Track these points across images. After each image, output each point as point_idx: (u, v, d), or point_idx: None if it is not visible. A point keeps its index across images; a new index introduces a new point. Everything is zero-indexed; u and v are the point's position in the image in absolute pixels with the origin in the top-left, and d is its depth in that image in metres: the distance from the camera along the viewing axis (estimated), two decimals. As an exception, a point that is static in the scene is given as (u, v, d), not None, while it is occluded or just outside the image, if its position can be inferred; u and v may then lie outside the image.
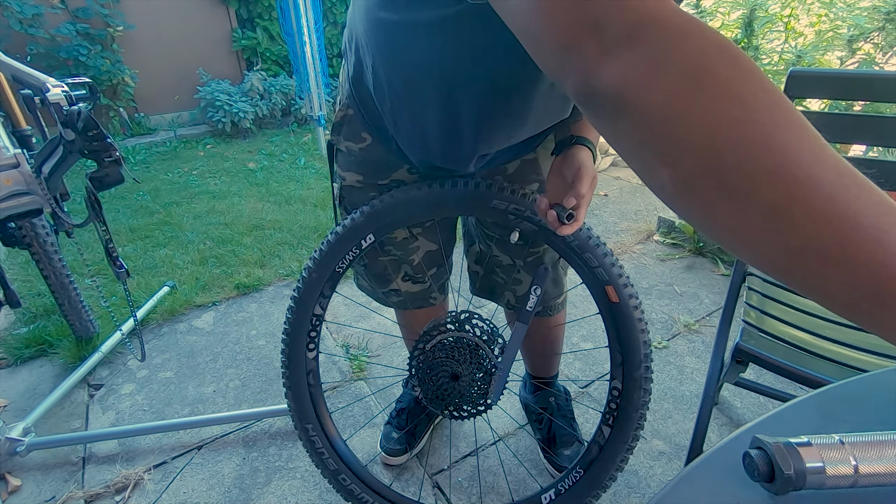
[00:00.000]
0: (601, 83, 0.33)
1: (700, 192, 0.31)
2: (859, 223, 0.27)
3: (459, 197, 0.88)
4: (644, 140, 0.33)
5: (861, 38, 1.72)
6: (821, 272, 0.29)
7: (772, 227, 0.29)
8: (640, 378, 0.89)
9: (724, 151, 0.29)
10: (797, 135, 0.29)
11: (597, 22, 0.33)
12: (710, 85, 0.30)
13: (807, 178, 0.28)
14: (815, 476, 0.36)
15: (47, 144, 1.29)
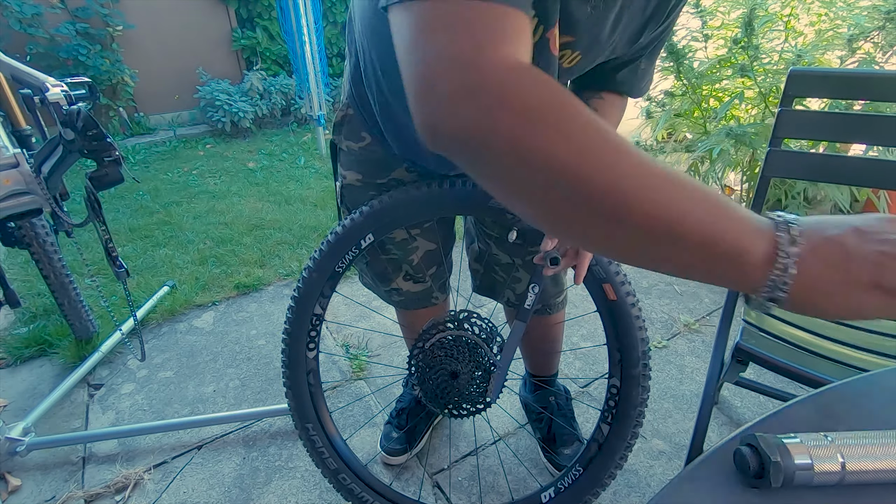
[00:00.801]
0: (444, 132, 0.38)
1: (538, 214, 0.39)
2: (681, 209, 0.36)
3: (458, 196, 0.89)
4: (493, 174, 0.39)
5: (861, 37, 1.72)
6: (657, 252, 0.38)
7: (612, 226, 0.37)
8: (638, 376, 0.90)
9: (559, 180, 0.36)
10: (618, 156, 0.36)
11: (435, 83, 0.38)
12: (540, 129, 0.36)
13: (631, 187, 0.35)
14: (804, 473, 0.37)
15: (47, 144, 1.29)
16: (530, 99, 0.36)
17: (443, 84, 0.37)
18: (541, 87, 0.37)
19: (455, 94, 0.37)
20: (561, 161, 0.35)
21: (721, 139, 1.75)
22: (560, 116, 0.36)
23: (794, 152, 1.15)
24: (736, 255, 0.36)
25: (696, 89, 1.92)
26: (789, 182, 1.88)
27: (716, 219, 0.36)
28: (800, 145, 1.74)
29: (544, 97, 0.37)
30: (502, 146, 0.36)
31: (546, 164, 0.36)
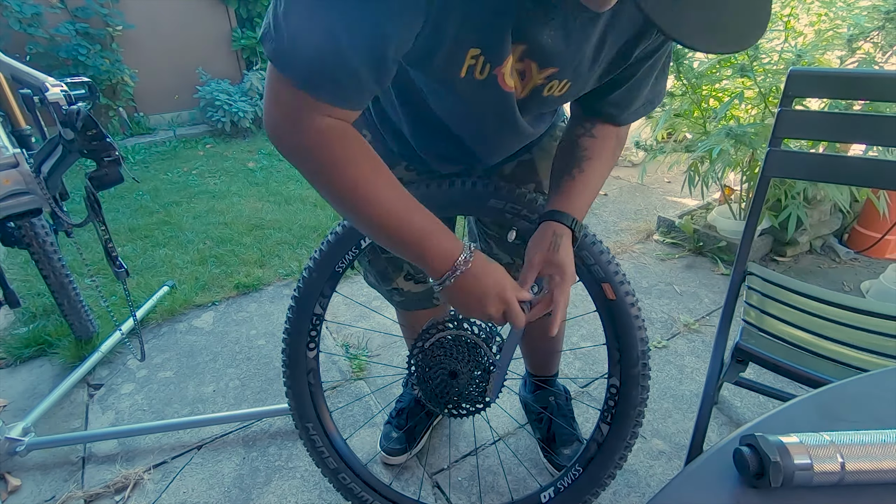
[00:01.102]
0: (281, 147, 0.62)
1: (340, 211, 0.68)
2: (415, 230, 0.66)
3: (457, 196, 0.89)
4: (308, 180, 0.65)
5: (861, 37, 1.72)
6: (409, 253, 0.68)
7: (378, 230, 0.66)
8: (637, 375, 0.90)
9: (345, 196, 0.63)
10: (391, 183, 0.65)
11: (274, 119, 0.60)
12: (335, 164, 0.61)
13: (385, 205, 0.64)
14: (804, 473, 0.37)
15: (46, 144, 1.29)
16: (330, 153, 0.61)
17: (279, 122, 0.60)
18: (335, 143, 0.60)
19: (284, 133, 0.60)
20: (345, 193, 0.63)
21: (721, 139, 1.75)
22: (340, 163, 0.61)
23: (794, 152, 1.15)
24: (433, 266, 0.68)
25: (695, 89, 1.92)
26: (789, 182, 1.88)
27: (421, 244, 0.67)
28: (800, 145, 1.74)
29: (332, 148, 0.60)
30: (308, 173, 0.63)
31: (338, 191, 0.63)
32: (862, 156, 1.62)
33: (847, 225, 2.19)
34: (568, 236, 0.77)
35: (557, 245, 0.76)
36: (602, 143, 0.80)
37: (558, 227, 0.77)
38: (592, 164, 0.79)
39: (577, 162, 0.79)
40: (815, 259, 2.12)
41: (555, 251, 0.76)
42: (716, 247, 2.08)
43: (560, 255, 0.75)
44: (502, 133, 0.77)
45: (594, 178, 0.80)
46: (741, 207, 2.12)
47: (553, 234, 0.77)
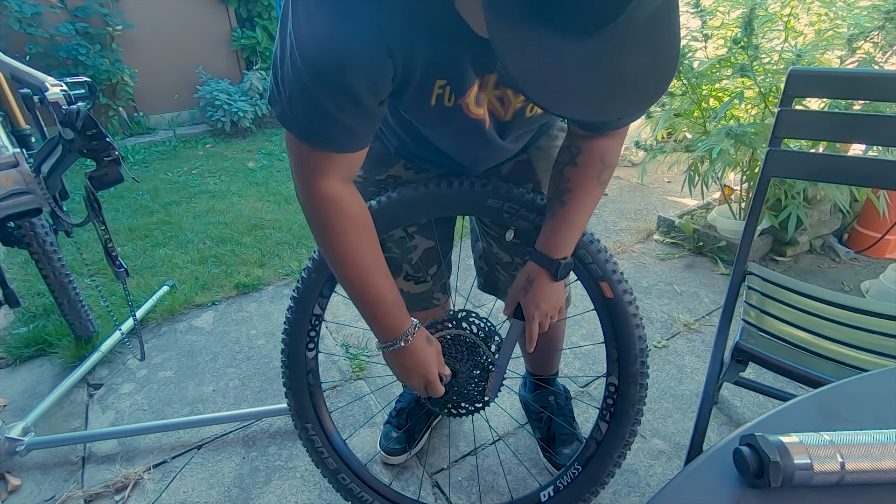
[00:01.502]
0: (298, 195, 0.73)
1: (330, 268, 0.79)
2: (380, 302, 0.78)
3: (455, 196, 0.89)
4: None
5: (861, 37, 1.72)
6: (365, 315, 0.80)
7: (348, 290, 0.78)
8: (636, 373, 0.90)
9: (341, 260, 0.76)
10: (363, 260, 0.76)
11: (293, 170, 0.70)
12: (324, 235, 0.74)
13: (360, 276, 0.77)
14: (803, 472, 0.37)
15: (46, 144, 1.29)
16: (324, 219, 0.72)
17: (294, 175, 0.71)
18: (330, 212, 0.71)
19: (297, 185, 0.71)
20: (330, 251, 0.75)
21: (721, 139, 1.75)
22: (335, 231, 0.73)
23: (794, 152, 1.15)
24: (379, 332, 0.81)
25: (695, 89, 1.92)
26: (789, 182, 1.88)
27: (378, 313, 0.79)
28: (800, 145, 1.74)
29: (331, 217, 0.71)
30: (310, 227, 0.75)
31: (325, 249, 0.76)
32: (862, 156, 1.62)
33: (847, 225, 2.19)
34: (543, 277, 0.86)
35: (527, 290, 0.88)
36: (586, 173, 0.81)
37: (532, 269, 0.87)
38: (575, 197, 0.82)
39: (560, 195, 0.83)
40: (815, 259, 2.12)
41: (523, 295, 0.89)
42: (716, 247, 2.08)
43: (527, 300, 0.88)
44: (480, 151, 0.81)
45: (575, 212, 0.83)
46: (741, 207, 2.12)
47: (526, 280, 0.88)
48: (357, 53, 0.56)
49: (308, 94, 0.59)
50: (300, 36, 0.56)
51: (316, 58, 0.56)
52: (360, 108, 0.61)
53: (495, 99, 0.70)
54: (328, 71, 0.57)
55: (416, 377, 0.84)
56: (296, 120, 0.63)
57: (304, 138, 0.64)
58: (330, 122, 0.62)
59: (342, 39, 0.56)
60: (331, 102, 0.59)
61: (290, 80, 0.59)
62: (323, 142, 0.64)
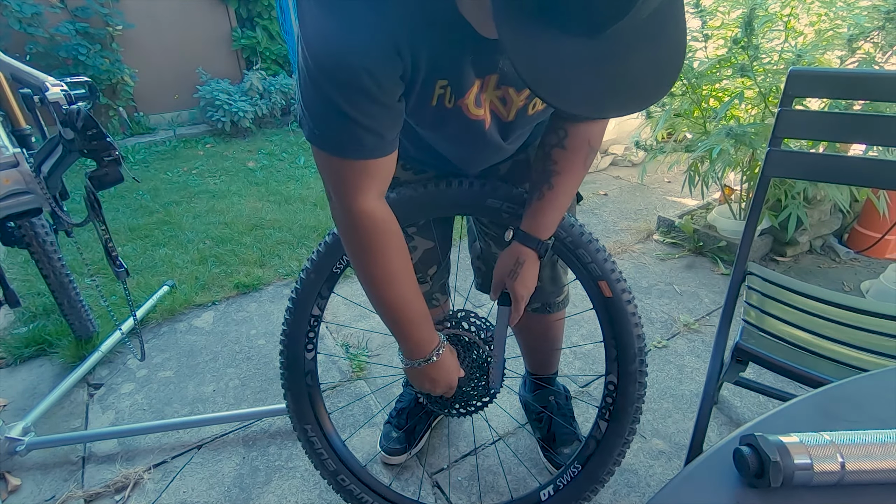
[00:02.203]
0: (333, 216, 0.74)
1: (364, 288, 0.79)
2: (412, 322, 0.80)
3: (454, 196, 0.89)
4: (345, 249, 0.77)
5: (861, 37, 1.72)
6: (397, 332, 0.82)
7: (382, 308, 0.79)
8: (635, 372, 0.90)
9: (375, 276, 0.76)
10: (401, 280, 0.77)
11: (329, 191, 0.71)
12: (361, 252, 0.74)
13: (396, 297, 0.78)
14: (803, 472, 0.37)
15: (46, 143, 1.29)
16: (365, 238, 0.72)
17: (330, 197, 0.71)
18: (370, 231, 0.72)
19: (334, 207, 0.72)
20: (369, 271, 0.76)
21: (721, 139, 1.75)
22: (377, 255, 0.74)
23: (794, 152, 1.15)
24: (410, 349, 0.83)
25: (695, 89, 1.92)
26: (789, 182, 1.88)
27: (412, 331, 0.81)
28: (800, 145, 1.74)
29: (370, 236, 0.72)
30: (347, 247, 0.75)
31: (364, 268, 0.76)
32: (862, 156, 1.62)
33: (847, 225, 2.19)
34: (531, 258, 0.87)
35: (516, 274, 0.88)
36: (573, 156, 0.82)
37: (522, 252, 0.87)
38: (560, 180, 0.83)
39: (547, 177, 0.83)
40: (815, 259, 2.12)
41: (512, 279, 0.89)
42: (716, 247, 2.08)
43: (516, 283, 0.89)
44: (480, 153, 0.82)
45: (562, 194, 0.84)
46: (741, 207, 2.12)
47: (515, 262, 0.88)
48: (364, 48, 0.56)
49: (323, 96, 0.59)
50: (308, 37, 0.57)
51: (323, 54, 0.57)
52: (378, 104, 0.61)
53: (497, 99, 0.71)
54: (337, 65, 0.57)
55: (441, 386, 0.87)
56: (322, 134, 0.64)
57: (335, 151, 0.65)
58: (353, 127, 0.61)
59: (348, 35, 0.56)
60: (346, 102, 0.59)
61: (307, 88, 0.60)
62: (354, 149, 0.64)
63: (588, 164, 0.85)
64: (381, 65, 0.59)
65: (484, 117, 0.72)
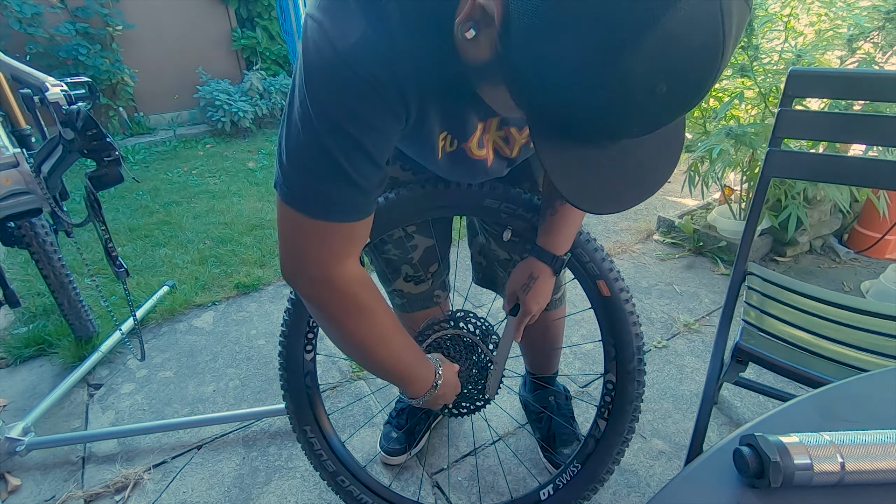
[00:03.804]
0: (301, 292, 0.68)
1: (350, 354, 0.76)
2: (410, 368, 0.78)
3: (453, 197, 0.89)
4: (321, 324, 0.72)
5: (861, 37, 1.72)
6: (398, 383, 0.80)
7: (378, 368, 0.76)
8: (633, 371, 0.90)
9: (356, 344, 0.72)
10: (393, 335, 0.73)
11: (301, 265, 0.66)
12: (357, 316, 0.69)
13: (392, 352, 0.74)
14: (803, 473, 0.37)
15: (46, 144, 1.29)
16: (354, 305, 0.68)
17: (304, 269, 0.65)
18: (360, 296, 0.68)
19: (311, 280, 0.65)
20: (360, 340, 0.70)
21: (721, 139, 1.75)
22: (364, 316, 0.69)
23: (794, 152, 1.15)
24: (412, 392, 0.81)
25: (696, 89, 1.92)
26: (789, 182, 1.88)
27: (412, 377, 0.79)
28: (800, 145, 1.74)
29: (358, 300, 0.67)
30: (328, 320, 0.69)
31: (344, 336, 0.70)
32: (862, 156, 1.62)
33: (847, 225, 2.19)
34: (546, 274, 0.88)
35: (529, 288, 0.89)
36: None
37: (537, 267, 0.88)
38: None
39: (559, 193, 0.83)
40: (815, 259, 2.12)
41: (525, 292, 0.89)
42: (716, 247, 2.08)
43: (528, 298, 0.89)
44: (479, 178, 0.84)
45: (576, 210, 0.84)
46: (741, 207, 2.12)
47: (529, 277, 0.89)
48: (375, 103, 0.54)
49: (321, 150, 0.55)
50: (314, 86, 0.53)
51: (332, 105, 0.53)
52: (373, 164, 0.58)
53: (500, 139, 0.71)
54: (346, 117, 0.54)
55: (450, 398, 0.88)
56: (308, 195, 0.59)
57: (322, 214, 0.60)
58: (346, 186, 0.58)
59: (361, 88, 0.53)
60: (345, 157, 0.56)
61: (300, 141, 0.56)
62: (343, 211, 0.60)
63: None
64: (389, 124, 0.57)
65: (486, 157, 0.72)
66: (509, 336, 0.93)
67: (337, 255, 0.64)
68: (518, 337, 0.93)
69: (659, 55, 0.36)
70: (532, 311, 0.90)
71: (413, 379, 0.79)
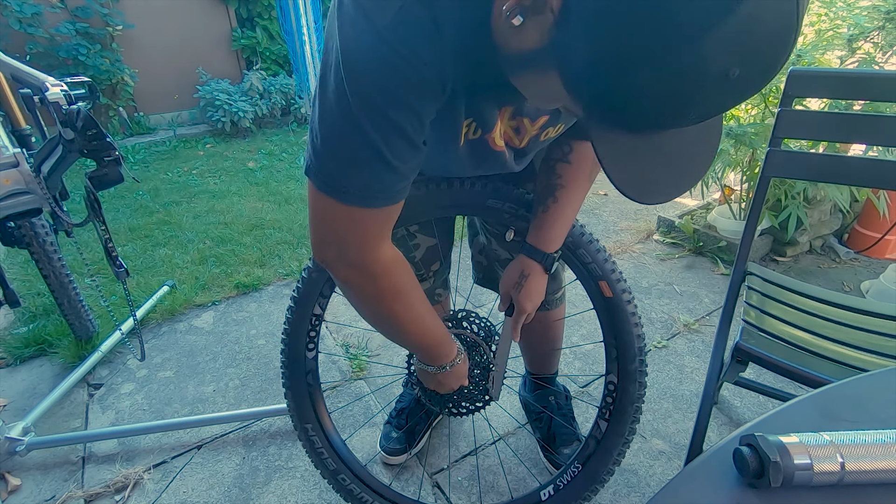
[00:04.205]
0: (337, 276, 0.68)
1: (381, 330, 0.78)
2: (438, 339, 0.80)
3: (456, 197, 0.89)
4: (355, 304, 0.73)
5: (861, 37, 1.72)
6: (424, 355, 0.83)
7: (410, 341, 0.80)
8: (634, 371, 0.90)
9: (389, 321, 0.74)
10: (425, 311, 0.75)
11: (338, 251, 0.65)
12: (396, 295, 0.70)
13: (423, 328, 0.77)
14: (803, 473, 0.37)
15: (46, 144, 1.29)
16: (392, 285, 0.69)
17: (342, 255, 0.65)
18: (395, 275, 0.68)
19: (349, 265, 0.65)
20: (387, 316, 0.72)
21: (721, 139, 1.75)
22: (399, 296, 0.70)
23: (794, 152, 1.15)
24: (430, 360, 0.83)
25: (696, 89, 1.92)
26: (789, 182, 1.88)
27: (438, 350, 0.81)
28: (800, 145, 1.74)
29: (395, 279, 0.68)
30: (366, 302, 0.71)
31: (381, 315, 0.73)
32: (862, 156, 1.62)
33: (847, 225, 2.19)
34: (537, 271, 0.87)
35: (521, 286, 0.89)
36: (577, 170, 0.83)
37: (528, 264, 0.87)
38: (566, 193, 0.83)
39: (551, 190, 0.83)
40: (815, 259, 2.12)
41: (517, 291, 0.89)
42: (716, 247, 2.08)
43: (521, 296, 0.89)
44: (487, 173, 0.83)
45: (567, 207, 0.84)
46: (741, 207, 2.12)
47: (521, 275, 0.88)
48: (418, 84, 0.52)
49: (361, 135, 0.53)
50: (354, 67, 0.51)
51: (374, 88, 0.51)
52: (412, 147, 0.57)
53: (511, 130, 0.71)
54: (387, 101, 0.52)
55: (446, 390, 0.89)
56: (348, 183, 0.57)
57: (361, 201, 0.58)
58: (385, 171, 0.56)
59: (404, 70, 0.51)
60: (385, 142, 0.54)
61: (338, 128, 0.54)
62: (382, 196, 0.59)
63: (592, 178, 0.85)
64: (427, 105, 0.55)
65: (504, 149, 0.71)
66: (507, 336, 0.93)
67: (374, 240, 0.64)
68: (516, 337, 0.93)
69: (736, 38, 0.35)
70: (526, 310, 0.90)
71: (437, 349, 0.81)
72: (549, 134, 0.73)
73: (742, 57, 0.36)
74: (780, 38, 0.36)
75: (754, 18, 0.34)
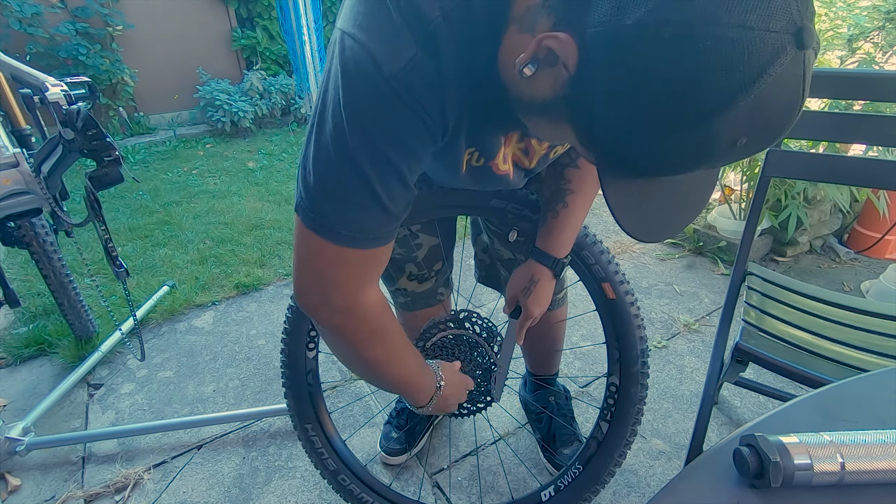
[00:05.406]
0: (322, 321, 0.65)
1: (360, 373, 0.78)
2: (417, 378, 0.77)
3: (460, 196, 0.89)
4: (339, 349, 0.70)
5: (861, 37, 1.72)
6: (404, 394, 0.79)
7: (386, 382, 0.76)
8: (637, 373, 0.90)
9: (370, 368, 0.71)
10: (404, 350, 0.73)
11: (324, 295, 0.62)
12: (371, 338, 0.67)
13: (402, 367, 0.74)
14: (803, 473, 0.37)
15: (46, 144, 1.29)
16: (367, 327, 0.66)
17: (328, 299, 0.62)
18: (382, 318, 0.67)
19: (334, 309, 0.63)
20: (367, 360, 0.69)
21: (721, 139, 1.75)
22: (383, 338, 0.68)
23: (794, 152, 1.15)
24: (416, 401, 0.79)
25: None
26: (789, 182, 1.88)
27: (417, 387, 0.78)
28: (800, 145, 1.74)
29: (376, 323, 0.66)
30: (343, 346, 0.68)
31: (356, 357, 0.70)
32: (862, 156, 1.62)
33: (847, 225, 2.19)
34: (546, 277, 0.87)
35: (530, 291, 0.88)
36: (586, 174, 0.83)
37: (537, 270, 0.87)
38: (575, 198, 0.83)
39: (561, 195, 0.84)
40: (815, 259, 2.12)
41: (526, 296, 0.89)
42: (716, 247, 2.08)
43: (530, 301, 0.89)
44: (494, 189, 0.85)
45: (577, 212, 0.84)
46: (741, 207, 2.12)
47: (530, 280, 0.88)
48: (418, 118, 0.52)
49: (357, 174, 0.53)
50: (354, 108, 0.51)
51: (376, 130, 0.51)
52: (406, 188, 0.57)
53: (519, 151, 0.71)
54: (389, 142, 0.52)
55: (460, 398, 0.87)
56: (338, 223, 0.56)
57: (352, 241, 0.57)
58: (378, 212, 0.56)
59: (408, 112, 0.51)
60: (381, 182, 0.54)
61: (333, 165, 0.53)
62: (373, 237, 0.58)
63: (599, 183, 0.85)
64: (426, 146, 0.55)
65: (509, 171, 0.71)
66: (511, 339, 0.93)
67: (361, 283, 0.62)
68: (520, 340, 0.93)
69: (748, 115, 0.37)
70: (534, 315, 0.90)
71: (418, 390, 0.78)
72: (558, 151, 0.74)
73: (751, 129, 0.38)
74: (787, 111, 0.38)
75: (765, 97, 0.36)
